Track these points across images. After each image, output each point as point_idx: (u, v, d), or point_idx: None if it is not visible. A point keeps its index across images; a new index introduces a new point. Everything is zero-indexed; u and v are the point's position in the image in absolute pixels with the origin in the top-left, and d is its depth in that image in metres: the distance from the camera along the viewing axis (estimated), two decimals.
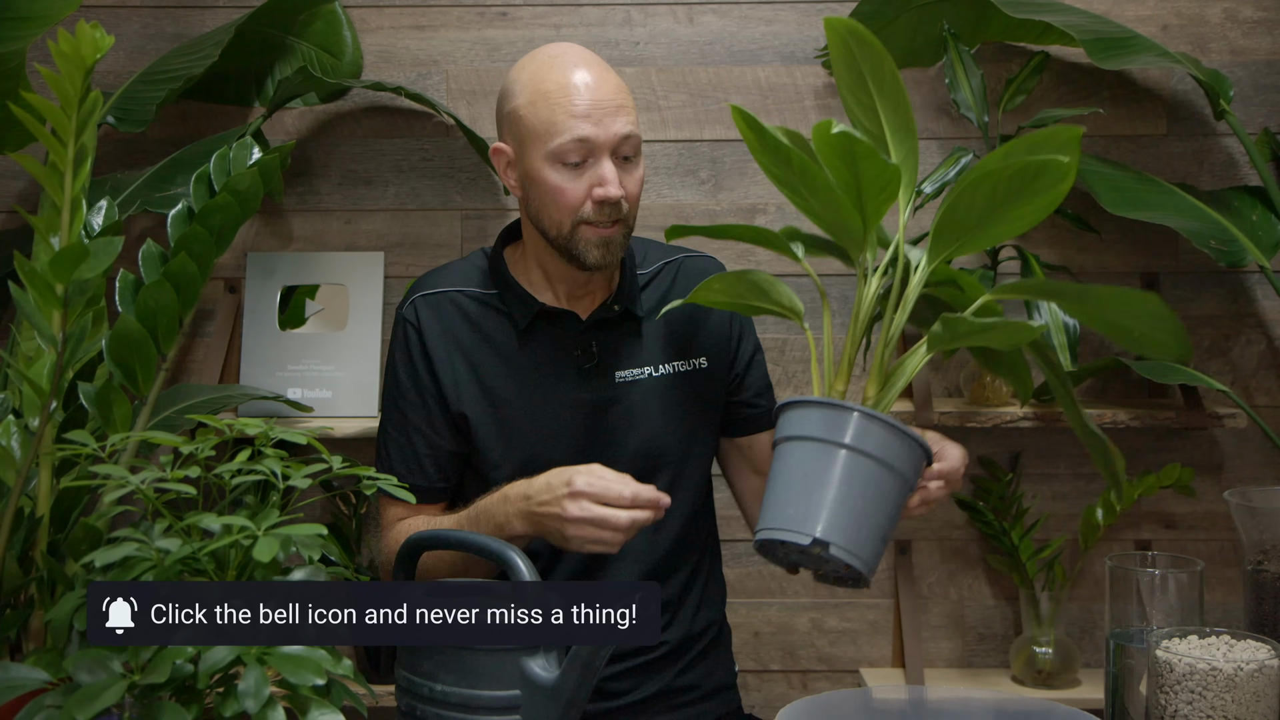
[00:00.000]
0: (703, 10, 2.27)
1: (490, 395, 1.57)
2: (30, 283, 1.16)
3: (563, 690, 1.13)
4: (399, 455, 1.60)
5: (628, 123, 1.50)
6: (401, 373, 1.60)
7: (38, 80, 2.07)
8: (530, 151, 1.51)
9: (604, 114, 1.48)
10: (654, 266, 1.66)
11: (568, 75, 1.50)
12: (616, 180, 1.48)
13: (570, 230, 1.51)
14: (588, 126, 1.47)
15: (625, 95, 1.52)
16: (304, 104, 2.25)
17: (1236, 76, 2.25)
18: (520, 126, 1.52)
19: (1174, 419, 2.08)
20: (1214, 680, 1.06)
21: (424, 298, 1.61)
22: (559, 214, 1.50)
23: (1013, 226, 1.30)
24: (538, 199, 1.52)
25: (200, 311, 2.27)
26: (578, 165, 1.49)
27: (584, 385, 1.57)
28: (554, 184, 1.49)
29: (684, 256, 1.69)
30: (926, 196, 2.05)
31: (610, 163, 1.49)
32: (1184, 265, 2.27)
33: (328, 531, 1.11)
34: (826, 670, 2.28)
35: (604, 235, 1.50)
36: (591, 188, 1.49)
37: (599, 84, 1.50)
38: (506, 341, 1.58)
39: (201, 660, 0.98)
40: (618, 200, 1.49)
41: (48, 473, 1.24)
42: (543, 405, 1.56)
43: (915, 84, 2.28)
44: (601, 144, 1.48)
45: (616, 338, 1.60)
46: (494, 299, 1.60)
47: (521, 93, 1.52)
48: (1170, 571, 1.23)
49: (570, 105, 1.48)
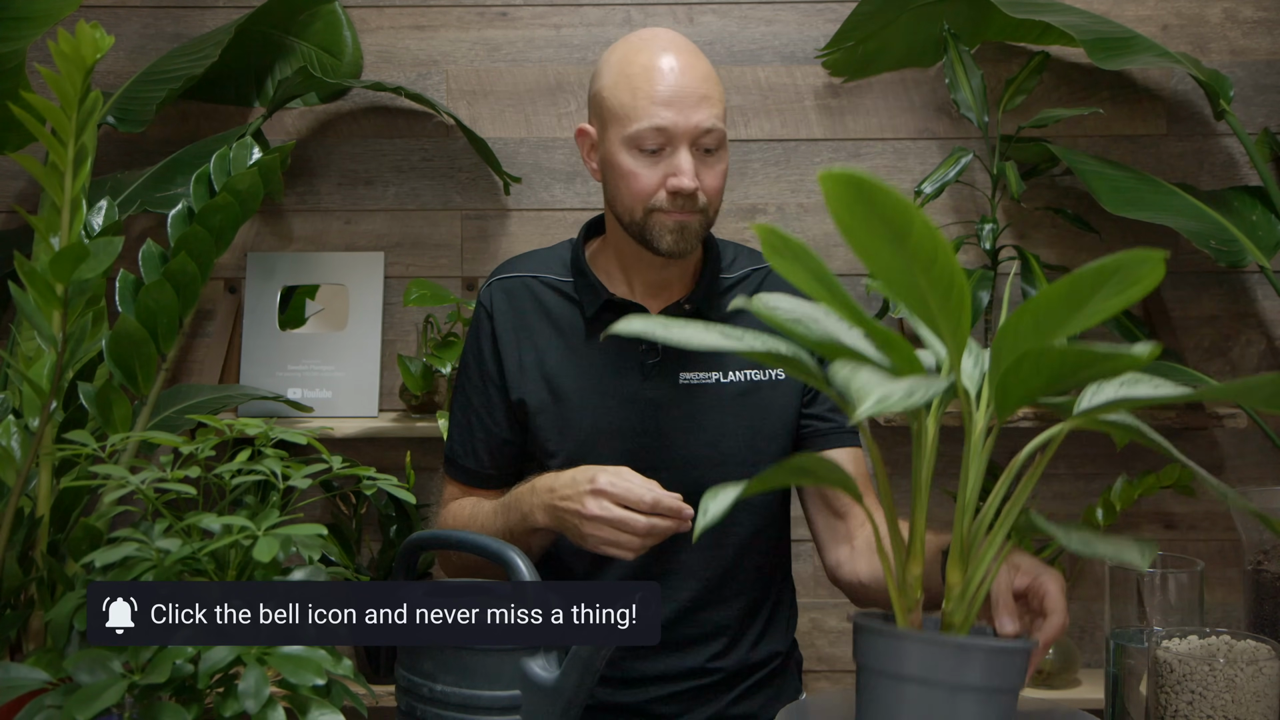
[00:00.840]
0: (703, 10, 2.27)
1: (551, 384, 1.53)
2: (30, 283, 1.16)
3: (563, 690, 1.13)
4: (458, 435, 1.59)
5: (711, 116, 1.45)
6: (470, 356, 1.58)
7: (38, 80, 2.07)
8: (609, 134, 1.47)
9: (686, 103, 1.43)
10: (741, 271, 1.60)
11: (654, 59, 1.45)
12: (692, 172, 1.44)
13: (643, 217, 1.46)
14: (668, 114, 1.43)
15: (713, 86, 1.47)
16: (304, 104, 2.25)
17: (1236, 76, 2.25)
18: (603, 108, 1.49)
19: (1174, 419, 2.08)
20: (1214, 680, 1.06)
21: (500, 281, 1.59)
22: (632, 200, 1.46)
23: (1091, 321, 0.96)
24: (613, 183, 1.49)
25: (200, 311, 2.27)
26: (655, 153, 1.44)
27: (646, 382, 1.52)
28: (629, 169, 1.45)
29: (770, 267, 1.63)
30: (927, 197, 2.05)
31: (688, 153, 1.44)
32: (1184, 265, 2.27)
33: (328, 531, 1.11)
34: (826, 670, 2.27)
35: (679, 220, 1.45)
36: (666, 177, 1.44)
37: (685, 71, 1.45)
38: (574, 329, 1.55)
39: (201, 660, 0.98)
40: (692, 193, 1.44)
41: (48, 473, 1.24)
42: (601, 398, 1.52)
43: (915, 84, 2.28)
44: (680, 134, 1.43)
45: None
46: (568, 286, 1.56)
47: (608, 73, 1.49)
48: (1170, 571, 1.23)
49: (652, 91, 1.43)
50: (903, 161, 2.28)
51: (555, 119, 2.28)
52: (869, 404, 0.83)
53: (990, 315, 2.15)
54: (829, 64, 2.26)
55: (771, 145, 2.28)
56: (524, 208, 2.28)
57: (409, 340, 2.28)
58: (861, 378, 0.87)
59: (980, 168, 2.25)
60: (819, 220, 2.28)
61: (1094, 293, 0.86)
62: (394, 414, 2.22)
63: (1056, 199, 2.26)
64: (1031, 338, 0.90)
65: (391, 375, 2.25)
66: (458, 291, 2.27)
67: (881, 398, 0.84)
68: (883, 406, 0.84)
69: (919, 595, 1.02)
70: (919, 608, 1.02)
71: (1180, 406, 2.14)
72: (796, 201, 2.28)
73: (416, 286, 2.10)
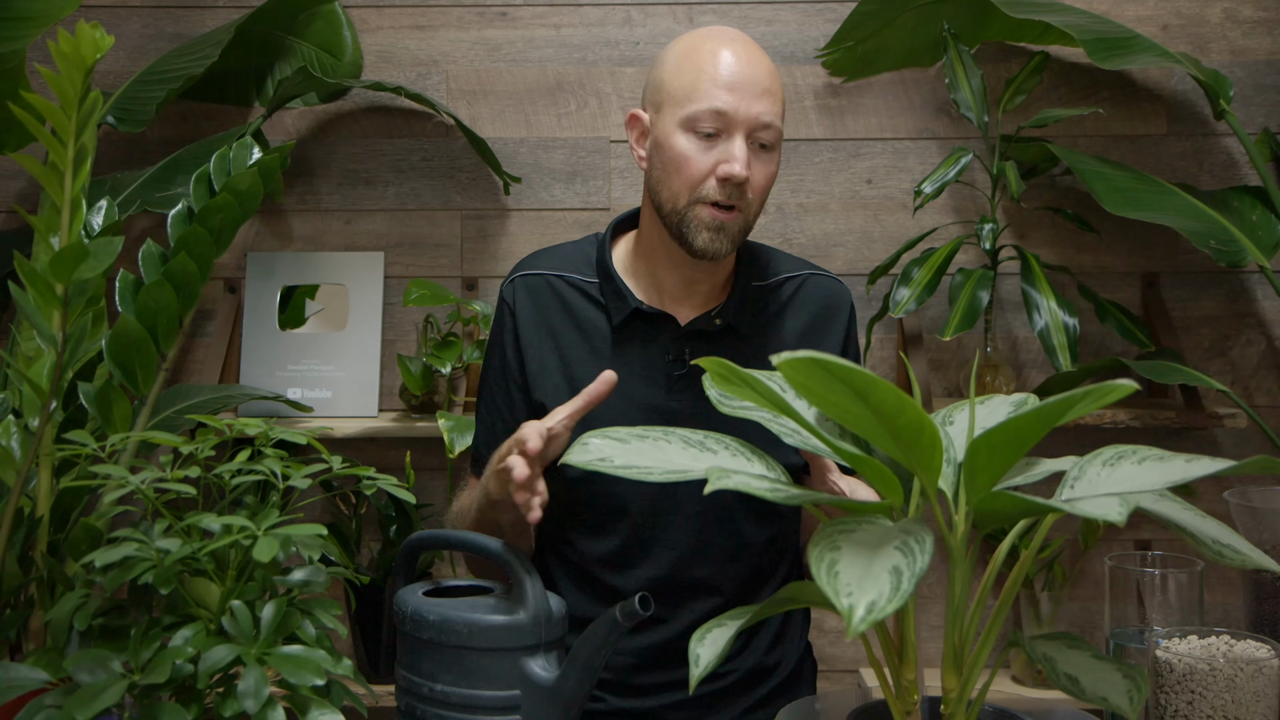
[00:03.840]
0: (703, 10, 2.27)
1: (574, 387, 1.48)
2: (30, 283, 1.16)
3: (563, 690, 1.13)
4: (482, 430, 1.56)
5: (770, 110, 1.43)
6: (493, 354, 1.56)
7: (38, 80, 2.07)
8: (665, 115, 1.45)
9: (748, 92, 1.42)
10: (776, 278, 1.57)
11: (721, 45, 1.44)
12: (745, 160, 1.41)
13: (686, 206, 1.43)
14: (729, 99, 1.41)
15: (775, 83, 1.45)
16: (304, 104, 2.25)
17: (1236, 76, 2.25)
18: (661, 91, 1.46)
19: (1174, 419, 2.08)
20: (1214, 680, 1.06)
21: (524, 278, 1.55)
22: (679, 184, 1.44)
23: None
24: (661, 167, 1.46)
25: (200, 311, 2.27)
26: (710, 137, 1.42)
27: (670, 393, 1.49)
28: (681, 151, 1.43)
29: (808, 274, 1.58)
30: (927, 197, 2.05)
31: (743, 141, 1.42)
32: (1184, 265, 2.27)
33: (328, 531, 1.11)
34: (826, 670, 2.27)
35: (718, 219, 1.43)
36: (718, 163, 1.42)
37: (750, 62, 1.44)
38: (600, 335, 1.52)
39: (201, 660, 0.98)
40: (743, 181, 1.42)
41: (48, 473, 1.24)
42: (625, 407, 1.48)
43: (915, 84, 2.28)
44: (738, 120, 1.42)
45: (714, 350, 1.49)
46: (594, 289, 1.53)
47: (670, 58, 1.47)
48: (1170, 571, 1.23)
49: (716, 73, 1.42)
50: (903, 161, 2.28)
51: (555, 119, 2.28)
52: (860, 619, 0.80)
53: (990, 315, 2.16)
54: (829, 64, 2.26)
55: None
56: (524, 208, 2.28)
57: (409, 340, 2.28)
58: (841, 579, 0.84)
59: (980, 168, 2.25)
60: (818, 220, 2.28)
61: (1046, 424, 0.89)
62: (394, 414, 2.22)
63: (1056, 199, 2.26)
64: (1000, 459, 0.91)
65: (391, 375, 2.25)
66: (457, 291, 2.27)
67: (870, 605, 0.81)
68: (874, 616, 0.81)
69: (916, 698, 1.01)
70: (917, 710, 1.03)
71: (1180, 406, 2.14)
72: (796, 201, 2.28)
73: (416, 286, 2.10)
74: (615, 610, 1.13)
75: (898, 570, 0.84)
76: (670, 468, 1.01)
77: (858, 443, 1.02)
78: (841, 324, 1.57)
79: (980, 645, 1.02)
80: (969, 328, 1.99)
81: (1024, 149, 2.18)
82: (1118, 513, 0.86)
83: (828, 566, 0.85)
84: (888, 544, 0.88)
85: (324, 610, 1.07)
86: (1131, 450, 1.01)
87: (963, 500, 0.97)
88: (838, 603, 0.82)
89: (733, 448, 1.05)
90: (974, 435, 0.92)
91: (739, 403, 1.07)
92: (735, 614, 1.03)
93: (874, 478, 0.96)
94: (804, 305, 1.55)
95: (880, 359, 2.27)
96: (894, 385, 0.86)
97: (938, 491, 0.98)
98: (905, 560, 0.85)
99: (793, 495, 0.97)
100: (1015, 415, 0.87)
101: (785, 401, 0.96)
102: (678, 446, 1.05)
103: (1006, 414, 1.08)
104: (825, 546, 0.87)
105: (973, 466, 0.91)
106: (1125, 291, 2.28)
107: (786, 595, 1.05)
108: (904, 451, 0.92)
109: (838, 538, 0.89)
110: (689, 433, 1.07)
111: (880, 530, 0.91)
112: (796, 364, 0.86)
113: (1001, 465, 0.92)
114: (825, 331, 1.56)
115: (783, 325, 1.55)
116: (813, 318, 1.56)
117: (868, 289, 2.18)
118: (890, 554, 0.86)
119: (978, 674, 1.01)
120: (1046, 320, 2.00)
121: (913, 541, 0.88)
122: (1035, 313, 2.01)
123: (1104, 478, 0.99)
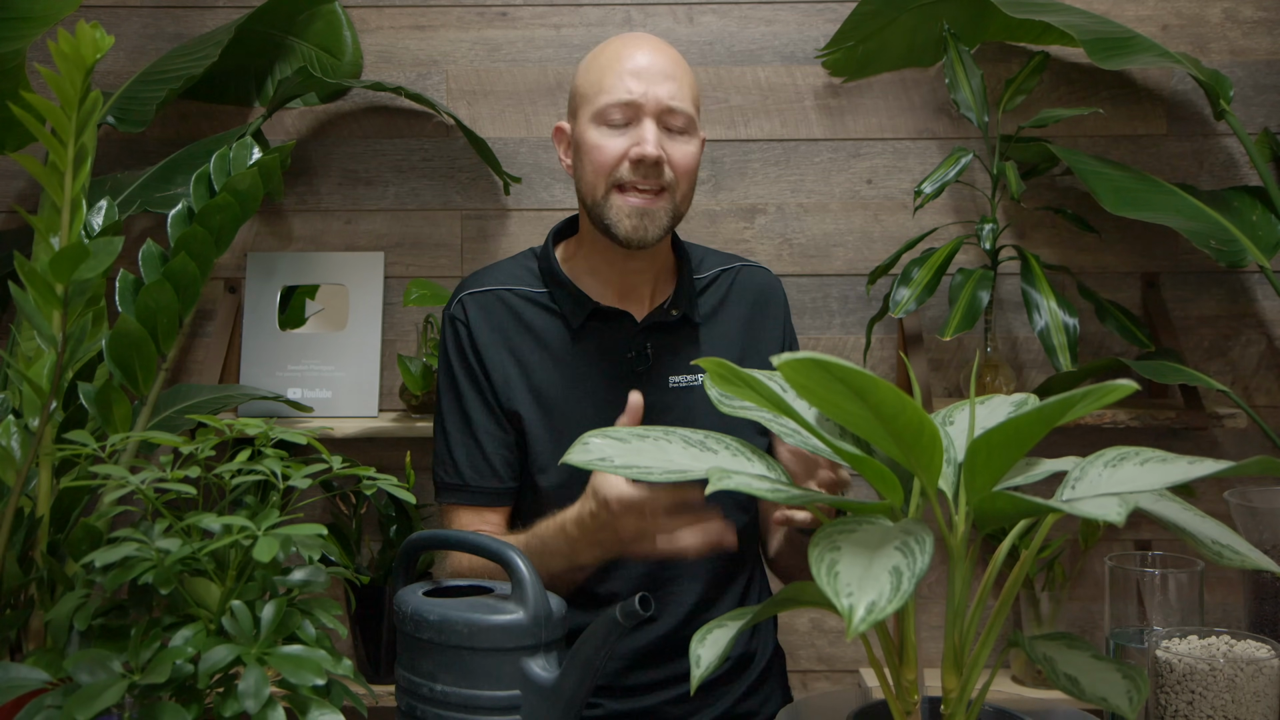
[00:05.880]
0: (703, 10, 2.27)
1: (540, 396, 1.52)
2: (30, 283, 1.16)
3: (563, 690, 1.13)
4: (466, 458, 1.54)
5: (677, 94, 1.48)
6: (459, 372, 1.55)
7: (38, 80, 2.07)
8: (580, 117, 1.51)
9: (653, 79, 1.48)
10: (711, 272, 1.62)
11: (626, 45, 1.51)
12: (655, 141, 1.46)
13: (604, 196, 1.48)
14: (634, 86, 1.47)
15: (682, 73, 1.50)
16: (304, 104, 2.25)
17: (1236, 76, 2.25)
18: (575, 96, 1.53)
19: (1174, 419, 2.08)
20: (1214, 680, 1.06)
21: (472, 295, 1.57)
22: (594, 174, 1.48)
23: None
24: (580, 165, 1.51)
25: (200, 311, 2.27)
26: (622, 126, 1.48)
27: (636, 388, 1.50)
28: (594, 142, 1.48)
29: (740, 265, 1.65)
30: (927, 197, 2.05)
31: (653, 125, 1.47)
32: (1184, 265, 2.27)
33: (328, 531, 1.11)
34: (826, 670, 2.27)
35: (635, 204, 1.47)
36: (630, 147, 1.47)
37: (654, 51, 1.50)
38: (558, 341, 1.54)
39: (202, 660, 0.98)
40: (656, 160, 1.46)
41: (48, 473, 1.24)
42: (592, 407, 1.51)
43: (915, 84, 2.28)
44: (646, 106, 1.47)
45: (672, 342, 1.55)
46: (544, 298, 1.56)
47: (583, 65, 1.55)
48: (1170, 571, 1.23)
49: (620, 65, 1.48)
50: (902, 161, 2.28)
51: (555, 119, 2.27)
52: (860, 620, 0.80)
53: (990, 315, 2.15)
54: (829, 64, 2.26)
55: (771, 145, 2.27)
56: (524, 208, 2.28)
57: (409, 340, 2.28)
58: (841, 580, 0.83)
59: (980, 168, 2.25)
60: (818, 220, 2.28)
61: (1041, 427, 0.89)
62: (394, 414, 2.22)
63: (1056, 199, 2.26)
64: (1000, 459, 0.91)
65: (391, 375, 2.25)
66: None
67: (870, 605, 0.81)
68: (875, 616, 0.80)
69: (916, 698, 1.02)
70: (917, 710, 1.03)
71: (1180, 406, 2.14)
72: (796, 201, 2.28)
73: (416, 286, 2.10)
74: (615, 610, 1.13)
75: (898, 570, 0.84)
76: (671, 467, 1.01)
77: (858, 443, 1.02)
78: (779, 312, 1.65)
79: (980, 645, 1.02)
80: (969, 328, 1.99)
81: (1024, 149, 2.18)
82: (1117, 513, 0.86)
83: (828, 566, 0.85)
84: (888, 544, 0.88)
85: (324, 610, 1.07)
86: (1134, 451, 1.01)
87: (963, 500, 0.97)
88: (838, 603, 0.82)
89: (733, 447, 1.06)
90: (974, 435, 0.92)
91: (739, 403, 1.07)
92: (735, 615, 1.03)
93: (874, 478, 0.96)
94: (742, 296, 1.62)
95: (880, 359, 2.27)
96: (894, 385, 0.87)
97: (938, 492, 0.98)
98: (905, 560, 0.85)
99: (794, 496, 0.97)
100: (1015, 415, 0.87)
101: (785, 402, 0.96)
102: (678, 446, 1.05)
103: (1006, 414, 1.08)
104: (825, 546, 0.87)
105: (973, 466, 0.91)
106: (1125, 291, 2.28)
107: (787, 595, 1.05)
108: (904, 452, 0.92)
109: (838, 538, 0.89)
110: (689, 432, 1.07)
111: (880, 530, 0.91)
112: (797, 364, 0.86)
113: (1002, 465, 0.92)
114: (764, 320, 1.63)
115: (727, 315, 1.60)
116: (751, 308, 1.62)
117: (868, 289, 2.18)
118: (890, 554, 0.86)
119: (978, 674, 1.01)
120: (1046, 320, 2.00)
121: (913, 542, 0.88)
122: (1035, 313, 2.01)
123: (1105, 478, 0.99)
